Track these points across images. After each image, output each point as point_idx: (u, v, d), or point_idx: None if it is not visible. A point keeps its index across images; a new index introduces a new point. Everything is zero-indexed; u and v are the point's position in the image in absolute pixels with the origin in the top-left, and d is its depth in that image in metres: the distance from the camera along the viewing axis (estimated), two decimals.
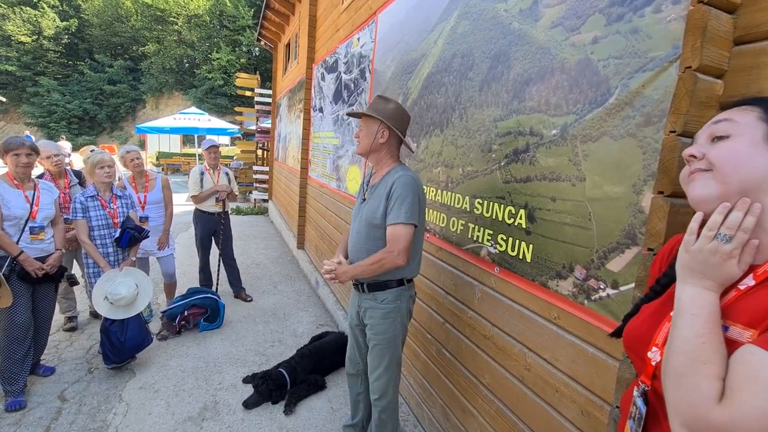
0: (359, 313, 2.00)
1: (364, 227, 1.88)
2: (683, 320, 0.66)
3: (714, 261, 0.66)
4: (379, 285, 1.88)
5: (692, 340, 0.64)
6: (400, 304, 1.90)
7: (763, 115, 0.67)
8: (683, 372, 0.63)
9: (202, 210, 4.18)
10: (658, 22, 1.10)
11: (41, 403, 2.58)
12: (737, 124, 0.69)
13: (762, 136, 0.66)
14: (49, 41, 28.99)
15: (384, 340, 1.91)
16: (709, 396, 0.59)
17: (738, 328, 0.63)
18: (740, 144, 0.67)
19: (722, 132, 0.70)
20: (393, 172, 1.85)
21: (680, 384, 0.63)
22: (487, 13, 1.85)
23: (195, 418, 2.53)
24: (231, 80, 25.29)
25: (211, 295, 3.75)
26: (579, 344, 1.32)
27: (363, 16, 3.54)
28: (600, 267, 1.25)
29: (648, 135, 1.11)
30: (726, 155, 0.68)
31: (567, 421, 1.35)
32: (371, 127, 1.85)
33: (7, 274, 2.42)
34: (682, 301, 0.68)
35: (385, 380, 1.95)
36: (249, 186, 11.01)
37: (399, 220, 1.74)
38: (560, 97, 1.42)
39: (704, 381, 0.60)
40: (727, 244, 0.65)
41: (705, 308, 0.65)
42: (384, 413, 2.00)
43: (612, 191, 1.22)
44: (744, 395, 0.55)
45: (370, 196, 1.91)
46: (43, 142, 3.25)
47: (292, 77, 7.25)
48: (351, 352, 2.17)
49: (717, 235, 0.66)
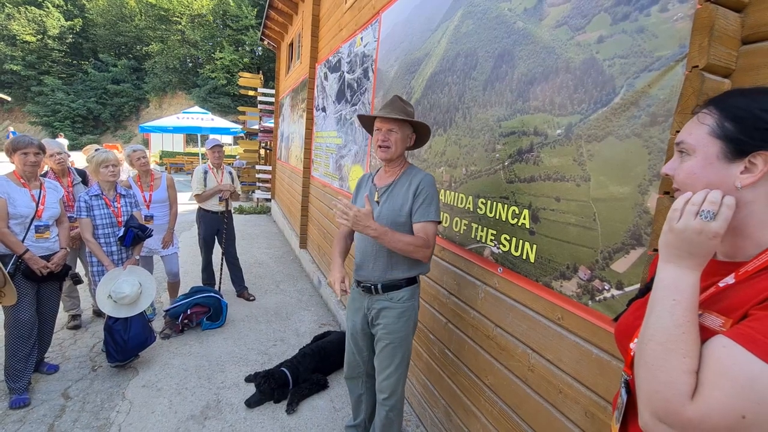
0: (366, 316, 1.99)
1: (386, 227, 1.83)
2: (662, 306, 0.64)
3: (699, 240, 0.64)
4: (395, 284, 1.88)
5: (671, 330, 0.62)
6: (414, 302, 1.92)
7: (716, 129, 0.67)
8: (660, 364, 0.62)
9: (206, 209, 4.20)
10: (665, 21, 1.09)
11: (45, 400, 2.60)
12: (690, 145, 0.70)
13: (716, 154, 0.67)
14: (53, 41, 29.14)
15: (397, 339, 1.90)
16: (684, 392, 0.58)
17: (713, 315, 0.64)
18: (694, 165, 0.69)
19: (683, 150, 0.72)
20: (414, 172, 1.87)
21: (656, 377, 0.62)
22: (492, 12, 1.84)
23: (197, 417, 2.54)
24: (234, 80, 25.37)
25: (213, 294, 3.76)
26: (583, 345, 1.31)
27: (366, 15, 3.54)
28: (605, 268, 1.24)
29: (654, 135, 1.10)
30: (683, 178, 0.71)
31: (570, 423, 1.34)
32: (405, 131, 1.85)
33: (12, 272, 2.44)
34: (663, 282, 0.66)
35: (395, 379, 1.95)
36: (252, 185, 11.04)
37: (431, 218, 1.78)
38: (565, 96, 1.41)
39: (681, 377, 0.59)
40: (713, 222, 0.63)
41: (686, 292, 0.63)
42: (392, 412, 2.00)
43: (617, 191, 1.21)
44: (715, 392, 0.55)
45: (387, 196, 1.89)
46: (46, 140, 3.26)
47: (295, 77, 7.26)
48: (351, 358, 2.14)
49: (701, 212, 0.64)
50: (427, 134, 1.93)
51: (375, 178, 2.01)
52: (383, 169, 1.98)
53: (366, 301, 1.97)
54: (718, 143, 0.66)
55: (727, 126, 0.66)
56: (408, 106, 1.86)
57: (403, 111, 1.82)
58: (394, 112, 1.80)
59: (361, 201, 2.01)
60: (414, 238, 1.78)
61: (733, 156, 0.65)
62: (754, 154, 0.63)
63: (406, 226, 1.83)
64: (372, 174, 2.05)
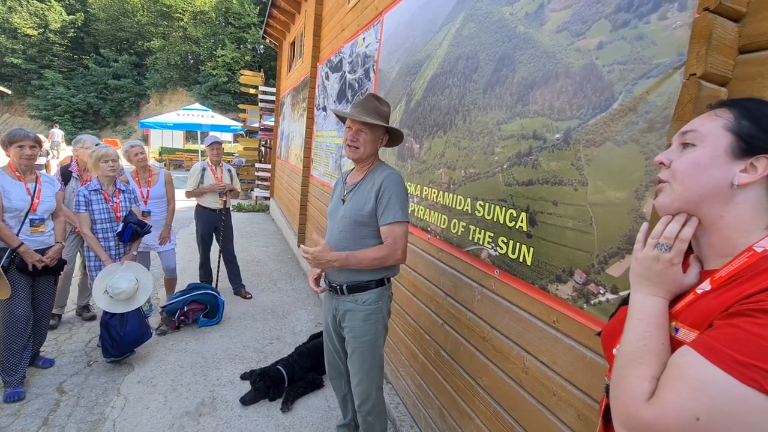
0: (336, 317, 1.94)
1: (348, 226, 1.82)
2: (629, 325, 0.71)
3: (657, 268, 0.70)
4: (360, 286, 1.83)
5: (634, 343, 0.68)
6: (382, 304, 1.87)
7: (732, 123, 0.68)
8: (621, 373, 0.67)
9: (204, 206, 4.20)
10: (664, 28, 1.11)
11: (40, 394, 2.59)
12: (701, 135, 0.70)
13: (724, 147, 0.67)
14: (55, 35, 29.06)
15: (364, 343, 1.86)
16: (638, 394, 0.62)
17: (685, 329, 0.66)
18: (701, 155, 0.69)
19: (689, 140, 0.72)
20: (379, 170, 1.84)
21: (618, 384, 0.67)
22: (493, 15, 1.85)
23: (192, 413, 2.54)
24: (235, 77, 25.32)
25: (210, 292, 3.76)
26: (577, 348, 1.32)
27: (369, 16, 3.55)
28: (600, 272, 1.25)
29: (651, 141, 1.12)
30: (685, 168, 0.71)
31: (564, 425, 1.35)
32: (375, 133, 1.82)
33: (6, 265, 2.43)
34: (632, 306, 0.73)
35: (366, 385, 1.91)
36: (251, 183, 11.03)
37: (397, 219, 1.74)
38: (564, 101, 1.42)
39: (636, 381, 0.63)
40: (667, 253, 0.70)
41: (649, 313, 0.69)
42: (370, 416, 1.97)
43: (614, 196, 1.22)
44: (668, 394, 0.58)
45: (352, 194, 1.86)
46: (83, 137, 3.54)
47: (296, 76, 7.27)
48: (330, 357, 2.11)
49: (657, 244, 0.71)
50: (400, 135, 1.90)
51: (348, 176, 1.99)
52: (355, 167, 1.96)
53: (334, 301, 1.94)
54: (730, 137, 0.67)
55: (744, 123, 0.67)
56: (383, 106, 1.82)
57: (375, 111, 1.78)
58: (365, 113, 1.76)
59: (334, 199, 2.00)
60: (378, 249, 1.75)
61: (740, 153, 0.66)
62: (758, 157, 0.65)
63: (369, 226, 1.80)
64: (347, 172, 2.04)
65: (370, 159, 1.89)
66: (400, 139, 1.93)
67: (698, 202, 0.69)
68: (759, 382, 0.51)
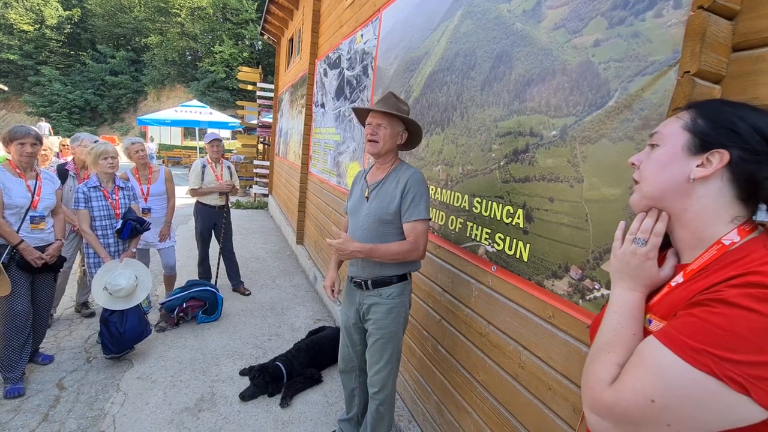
0: (359, 311, 2.01)
1: (372, 224, 1.88)
2: (605, 317, 0.75)
3: (634, 263, 0.74)
4: (384, 281, 1.90)
5: (606, 334, 0.72)
6: (404, 298, 1.94)
7: (689, 123, 0.72)
8: (591, 360, 0.72)
9: (204, 203, 4.20)
10: (659, 26, 1.11)
11: (40, 390, 2.61)
12: (663, 135, 0.75)
13: (681, 144, 0.72)
14: (51, 30, 28.89)
15: (387, 335, 1.93)
16: (602, 379, 0.66)
17: (657, 321, 0.69)
18: (662, 154, 0.74)
19: (655, 141, 0.77)
20: (402, 169, 1.88)
21: (586, 370, 0.71)
22: (491, 12, 1.85)
23: (192, 409, 2.55)
24: (233, 74, 25.20)
25: (209, 288, 3.77)
26: (573, 343, 1.34)
27: (367, 12, 3.54)
28: (595, 267, 1.27)
29: (646, 138, 1.12)
30: (648, 167, 0.76)
31: (559, 419, 1.37)
32: (396, 128, 1.86)
33: (6, 262, 2.44)
34: (610, 300, 0.77)
35: (385, 374, 1.97)
36: (249, 180, 11.02)
37: (420, 217, 1.80)
38: (561, 98, 1.43)
39: (602, 367, 0.68)
40: (643, 247, 0.74)
41: (624, 306, 0.73)
42: (382, 406, 2.02)
43: (609, 193, 1.23)
44: (628, 378, 0.62)
45: (376, 192, 1.91)
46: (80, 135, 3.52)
47: (294, 72, 7.25)
48: (344, 351, 2.17)
49: (635, 239, 0.75)
50: (419, 134, 1.94)
51: (368, 174, 2.02)
52: (375, 165, 2.00)
53: (358, 296, 2.00)
54: (687, 135, 0.72)
55: (699, 122, 0.71)
56: (402, 104, 1.87)
57: (396, 108, 1.83)
58: (386, 108, 1.82)
59: (355, 198, 2.04)
60: (401, 244, 1.80)
61: (696, 150, 0.70)
62: (712, 152, 0.68)
63: (393, 224, 1.85)
64: (366, 170, 2.07)
65: (390, 156, 1.93)
66: (418, 140, 1.96)
67: (661, 197, 0.74)
68: (710, 366, 0.54)
